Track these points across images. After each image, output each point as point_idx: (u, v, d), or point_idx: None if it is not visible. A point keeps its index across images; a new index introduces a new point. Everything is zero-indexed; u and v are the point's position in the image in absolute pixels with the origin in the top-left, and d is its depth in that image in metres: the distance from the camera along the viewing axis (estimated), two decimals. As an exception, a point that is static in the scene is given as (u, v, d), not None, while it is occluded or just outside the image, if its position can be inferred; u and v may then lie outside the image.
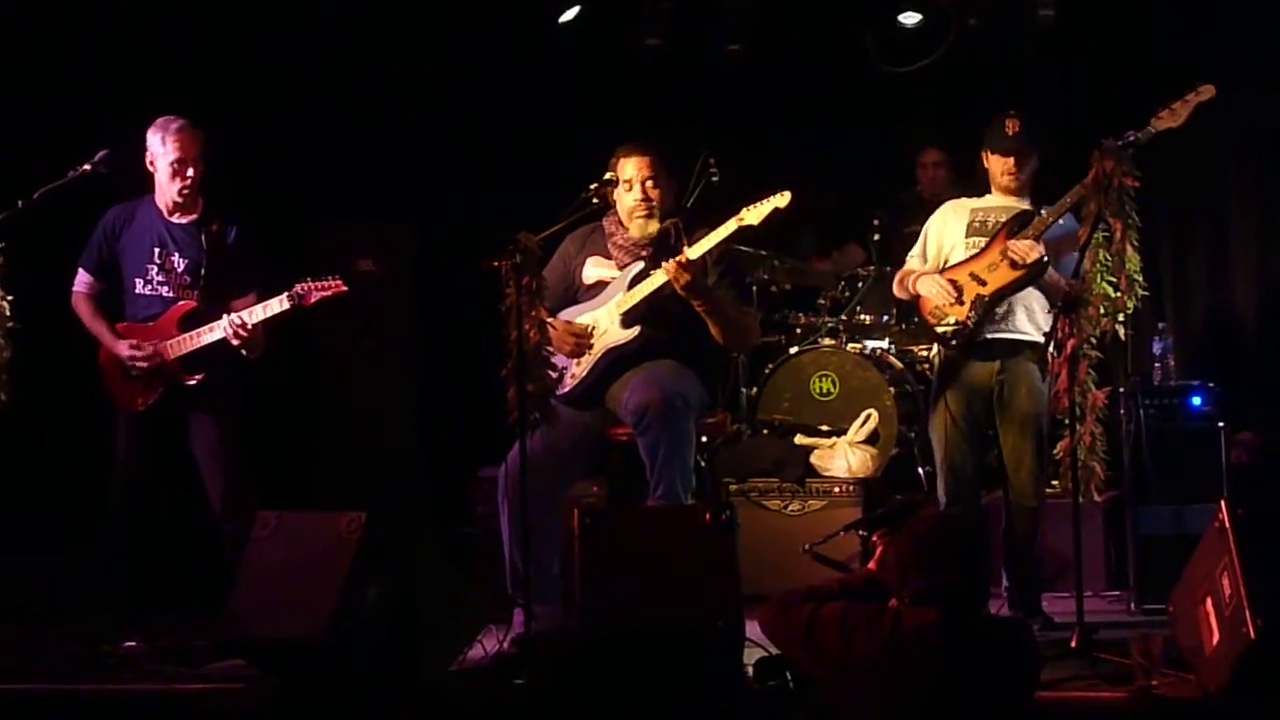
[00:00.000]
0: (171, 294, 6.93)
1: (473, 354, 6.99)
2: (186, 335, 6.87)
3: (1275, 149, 8.66)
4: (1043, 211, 6.74)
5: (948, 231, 7.02)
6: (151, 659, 6.57)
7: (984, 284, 6.82)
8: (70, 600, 7.39)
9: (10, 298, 6.84)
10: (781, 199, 6.66)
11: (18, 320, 6.87)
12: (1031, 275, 6.73)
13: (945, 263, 7.01)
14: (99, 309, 7.04)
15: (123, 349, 6.91)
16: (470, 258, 6.49)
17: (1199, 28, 8.52)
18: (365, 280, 8.36)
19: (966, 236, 6.95)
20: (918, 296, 7.00)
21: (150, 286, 6.96)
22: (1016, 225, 6.80)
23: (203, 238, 6.89)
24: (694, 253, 6.62)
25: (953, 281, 6.87)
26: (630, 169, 6.82)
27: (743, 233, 6.88)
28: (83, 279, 7.08)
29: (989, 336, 6.84)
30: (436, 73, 8.98)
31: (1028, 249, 6.70)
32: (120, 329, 7.01)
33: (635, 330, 6.74)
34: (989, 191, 7.02)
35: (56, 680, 6.31)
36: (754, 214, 6.66)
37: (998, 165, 6.94)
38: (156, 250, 6.95)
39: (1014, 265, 6.75)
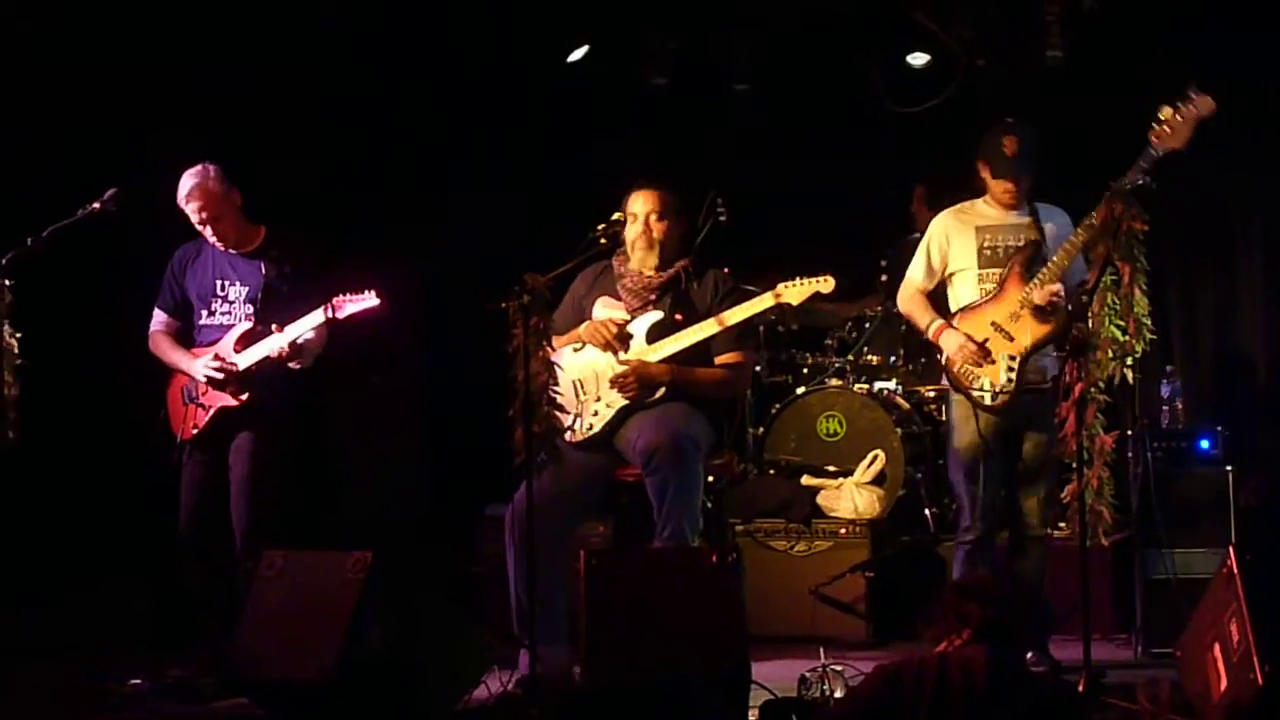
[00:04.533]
0: (232, 323, 7.07)
1: (481, 393, 6.98)
2: (247, 350, 6.96)
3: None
4: (1051, 257, 6.71)
5: (954, 248, 6.99)
6: (156, 697, 6.58)
7: (1011, 339, 6.81)
8: (79, 639, 7.39)
9: (19, 335, 6.85)
10: (825, 284, 6.73)
11: (27, 358, 6.87)
12: (1061, 328, 6.68)
13: (951, 280, 6.98)
14: (175, 342, 7.18)
15: (198, 366, 7.00)
16: (478, 298, 6.50)
17: (1211, 73, 8.51)
18: (374, 390, 8.48)
19: (980, 266, 6.92)
20: (937, 347, 7.00)
21: (214, 317, 7.11)
22: (1027, 261, 6.79)
23: (261, 267, 6.99)
24: (659, 353, 6.74)
25: (977, 339, 6.85)
26: (638, 204, 6.86)
27: (778, 309, 6.95)
28: (159, 318, 7.24)
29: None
30: (448, 112, 8.99)
31: (1052, 296, 6.68)
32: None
33: (661, 390, 6.76)
34: (983, 195, 6.98)
35: (61, 719, 6.30)
36: (793, 294, 6.76)
37: (998, 185, 6.92)
38: (219, 283, 7.10)
39: (1040, 317, 6.75)
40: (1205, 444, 7.44)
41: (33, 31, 8.16)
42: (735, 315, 6.75)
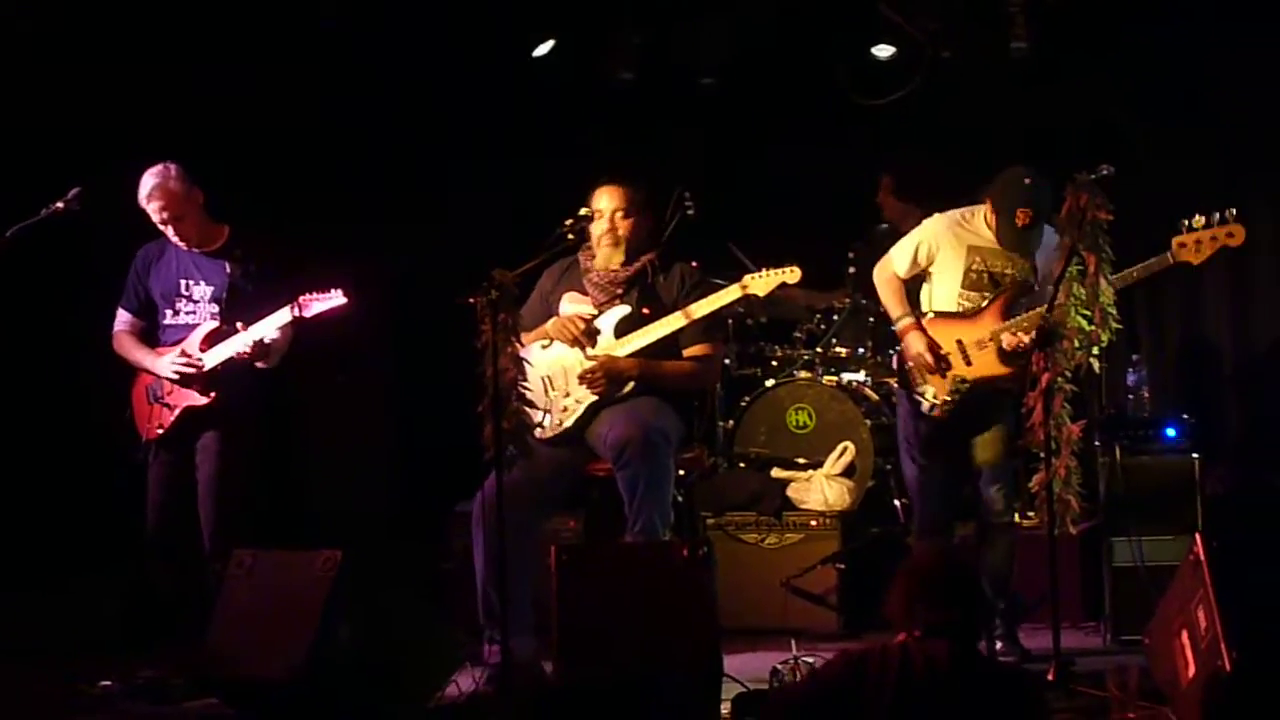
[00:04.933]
0: (197, 322, 7.04)
1: (449, 390, 6.98)
2: (214, 349, 6.94)
3: (1244, 180, 8.68)
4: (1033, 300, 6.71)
5: (941, 258, 6.96)
6: (127, 698, 6.57)
7: (969, 363, 6.85)
8: (47, 640, 7.37)
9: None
10: (791, 275, 6.75)
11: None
12: (1015, 376, 6.69)
13: (930, 278, 7.00)
14: (139, 341, 7.15)
15: (164, 364, 6.98)
16: (445, 294, 6.50)
17: (1173, 63, 8.56)
18: (341, 389, 8.48)
19: (962, 285, 6.91)
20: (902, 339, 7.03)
21: (179, 316, 7.08)
22: (1013, 299, 6.80)
23: (226, 266, 6.97)
24: (626, 347, 6.76)
25: (936, 348, 6.88)
26: (603, 200, 6.87)
27: (745, 301, 6.97)
28: (122, 318, 7.21)
29: None
30: (413, 110, 8.98)
31: (1019, 344, 6.69)
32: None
33: (629, 385, 6.77)
34: (980, 203, 6.96)
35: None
36: (759, 285, 6.77)
37: (1005, 227, 6.81)
38: (183, 282, 7.07)
39: (1002, 358, 6.78)
40: (1171, 432, 7.47)
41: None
42: (702, 308, 6.75)
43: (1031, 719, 4.91)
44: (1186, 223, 6.54)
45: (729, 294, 6.79)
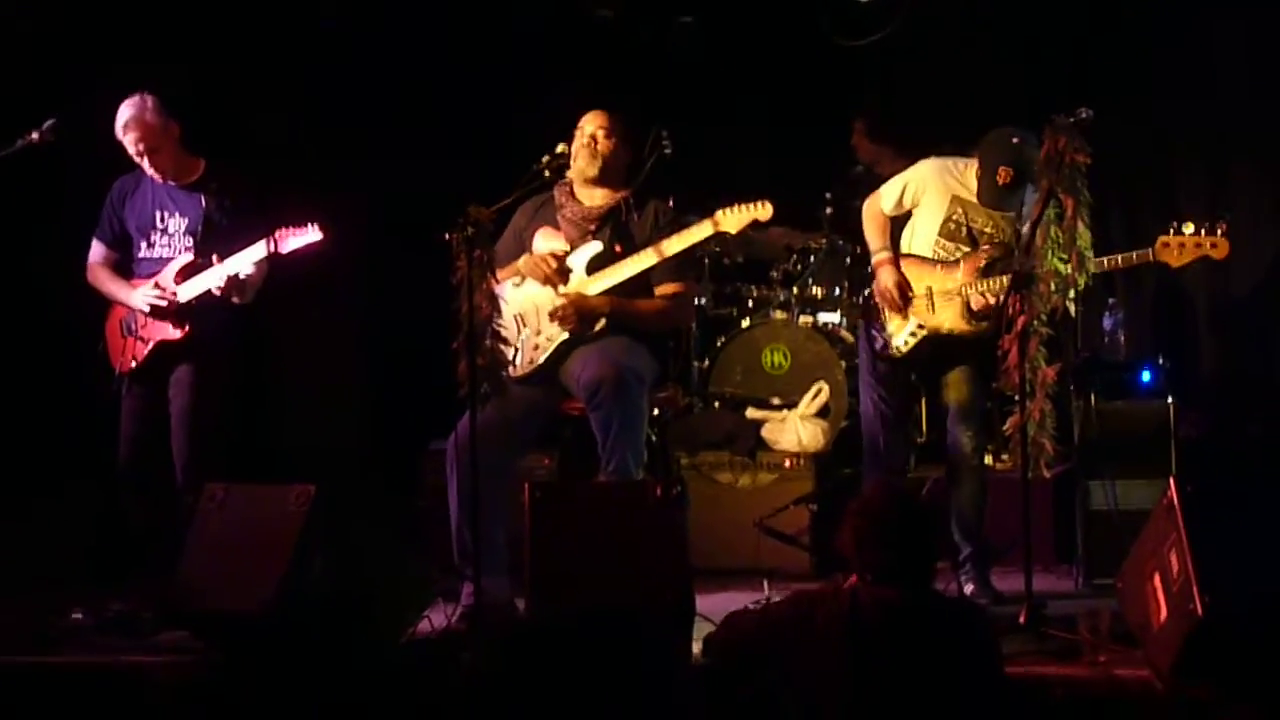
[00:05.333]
0: (172, 255, 7.01)
1: (424, 326, 6.96)
2: (188, 282, 6.90)
3: (1225, 126, 8.68)
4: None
5: (925, 202, 6.96)
6: (97, 631, 6.56)
7: (933, 311, 6.89)
8: (16, 573, 7.35)
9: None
10: (763, 211, 6.72)
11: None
12: (976, 336, 6.79)
13: (913, 219, 7.01)
14: (114, 273, 7.12)
15: (137, 296, 6.96)
16: (421, 229, 6.47)
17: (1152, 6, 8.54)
18: (316, 324, 8.46)
19: (939, 233, 6.92)
20: (874, 274, 7.03)
21: (153, 249, 7.04)
22: (992, 260, 6.79)
23: (201, 199, 6.93)
24: (598, 285, 6.73)
25: (907, 288, 6.90)
26: (587, 122, 6.89)
27: (717, 238, 6.94)
28: (96, 250, 7.17)
29: None
30: (389, 45, 8.91)
31: (984, 305, 6.72)
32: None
33: (601, 323, 6.74)
34: (971, 156, 6.94)
35: (2, 653, 6.27)
36: (731, 221, 6.74)
37: (987, 183, 6.79)
38: (158, 214, 7.04)
39: (967, 315, 6.82)
40: (1147, 376, 7.47)
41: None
42: (674, 245, 6.72)
43: (980, 649, 4.93)
44: (1175, 225, 6.58)
45: (700, 230, 6.76)
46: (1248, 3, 8.38)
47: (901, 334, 6.93)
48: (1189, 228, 6.55)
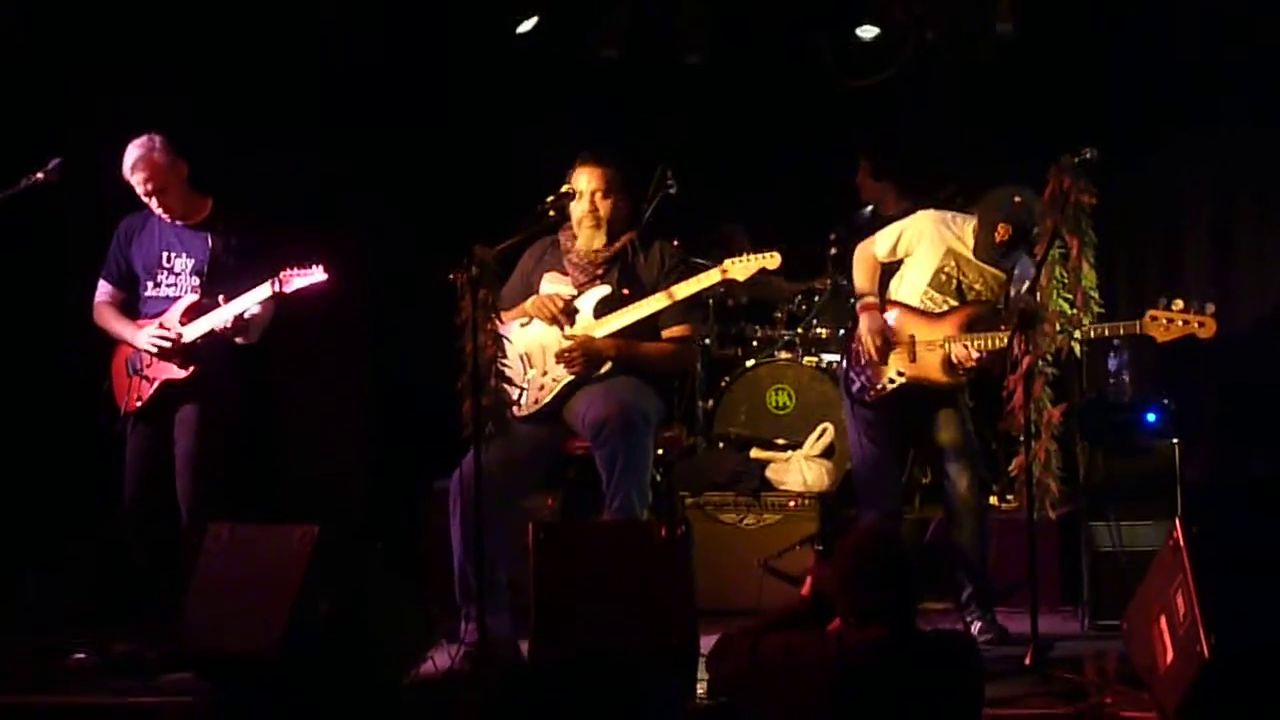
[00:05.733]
0: (178, 295, 7.01)
1: (428, 366, 6.97)
2: (194, 322, 6.91)
3: (1229, 165, 8.69)
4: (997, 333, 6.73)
5: (918, 252, 6.98)
6: (102, 671, 6.55)
7: (913, 360, 6.91)
8: (21, 613, 7.34)
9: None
10: (770, 260, 6.75)
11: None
12: (949, 388, 6.87)
13: (903, 268, 7.01)
14: (119, 313, 7.12)
15: (142, 336, 6.95)
16: (426, 270, 6.48)
17: (1157, 44, 8.54)
18: (321, 364, 8.45)
19: (929, 284, 6.94)
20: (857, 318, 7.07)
21: (159, 289, 7.05)
22: (978, 316, 6.81)
23: (208, 239, 6.94)
24: (605, 328, 6.73)
25: (890, 332, 6.93)
26: (582, 181, 6.83)
27: (724, 285, 6.96)
28: (103, 289, 7.17)
29: None
30: (397, 83, 8.93)
31: (966, 359, 6.73)
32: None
33: (607, 365, 6.74)
34: (970, 213, 6.95)
35: (6, 693, 6.26)
36: (739, 270, 6.77)
37: (984, 238, 6.81)
38: (164, 254, 7.04)
39: (945, 367, 6.84)
40: (1152, 417, 7.45)
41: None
42: (683, 290, 6.73)
43: (967, 680, 4.92)
44: (1165, 301, 6.60)
45: (709, 278, 6.78)
46: (1248, 34, 8.38)
47: (881, 379, 6.95)
48: (1178, 305, 6.56)
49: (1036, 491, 6.29)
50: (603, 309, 6.78)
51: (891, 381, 6.93)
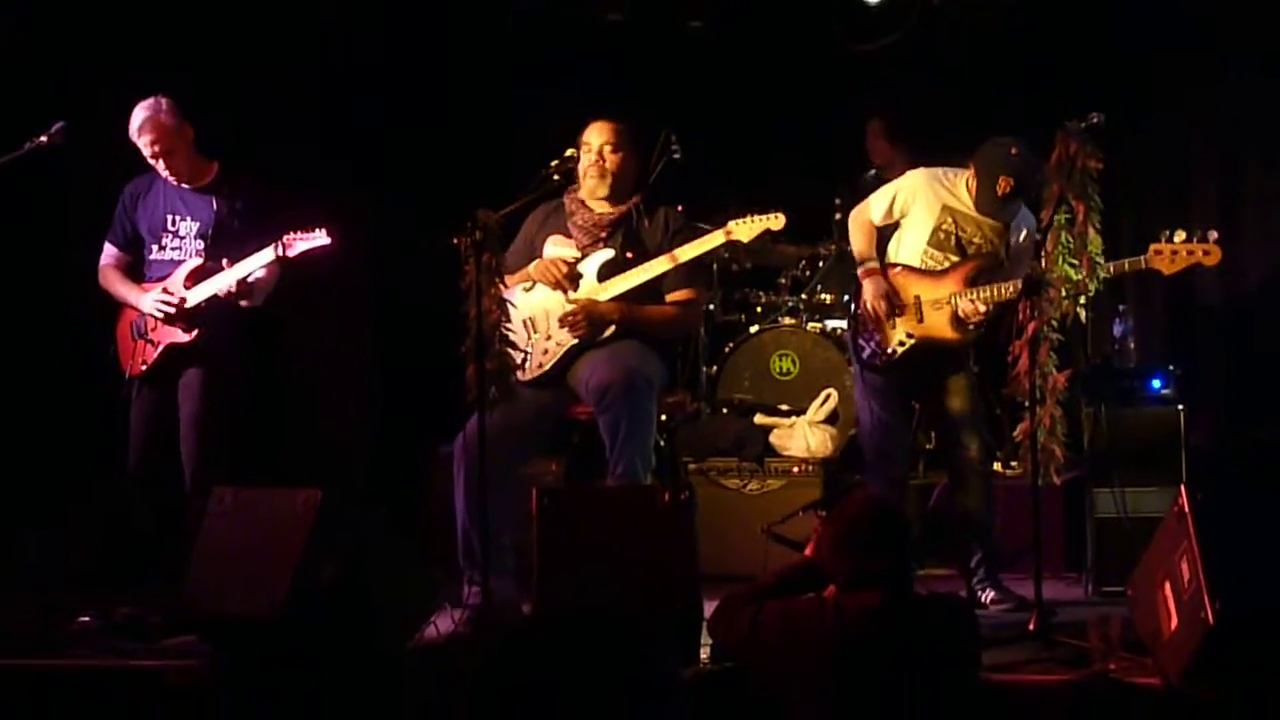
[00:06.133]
0: (183, 258, 7.00)
1: (432, 330, 6.96)
2: (198, 286, 6.90)
3: (1235, 129, 8.66)
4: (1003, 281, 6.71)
5: (914, 211, 6.96)
6: (105, 634, 6.54)
7: (921, 320, 6.88)
8: (25, 576, 7.35)
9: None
10: (775, 221, 6.73)
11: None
12: (961, 344, 6.85)
13: (900, 231, 6.99)
14: (124, 276, 7.11)
15: (147, 300, 6.94)
16: (430, 233, 6.46)
17: (1168, 13, 8.51)
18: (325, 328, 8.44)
19: (928, 242, 6.91)
20: (859, 284, 7.03)
21: (164, 252, 7.04)
22: (981, 269, 6.78)
23: (213, 202, 6.94)
24: (609, 291, 6.71)
25: (895, 295, 6.89)
26: (592, 135, 6.83)
27: (728, 246, 6.93)
28: (109, 252, 7.17)
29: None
30: (398, 48, 8.90)
31: (974, 313, 6.71)
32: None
33: (611, 329, 6.72)
34: (965, 168, 6.93)
35: (10, 656, 6.26)
36: (743, 230, 6.74)
37: (985, 192, 6.78)
38: (169, 217, 7.03)
39: (954, 323, 6.81)
40: (1157, 383, 7.44)
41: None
42: (687, 252, 6.71)
43: (964, 642, 4.93)
44: (1168, 233, 6.57)
45: (713, 239, 6.76)
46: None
47: (891, 343, 6.92)
48: (1180, 235, 6.55)
49: (1041, 457, 6.27)
50: (606, 273, 6.77)
51: (902, 344, 6.91)
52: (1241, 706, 5.17)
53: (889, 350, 6.93)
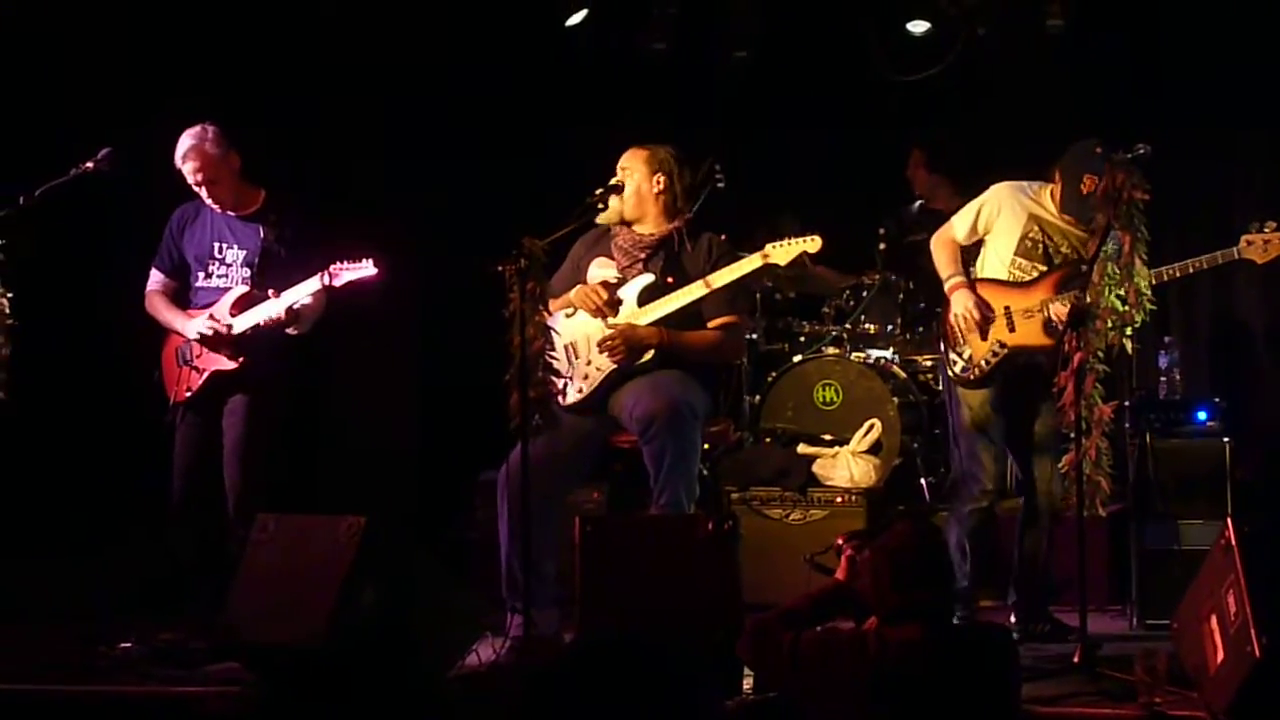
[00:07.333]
0: (229, 286, 7.03)
1: (476, 358, 6.96)
2: (244, 314, 6.92)
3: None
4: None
5: (1000, 224, 6.88)
6: (148, 661, 6.55)
7: (1012, 330, 6.79)
8: (68, 601, 7.36)
9: (10, 295, 6.84)
10: (812, 244, 6.72)
11: (18, 318, 6.85)
12: (1057, 348, 6.65)
13: (985, 246, 6.95)
14: (171, 302, 7.15)
15: (192, 327, 6.97)
16: (475, 261, 6.47)
17: (1208, 38, 8.49)
18: (370, 356, 8.42)
19: (1016, 252, 6.83)
20: (947, 301, 6.95)
21: (210, 280, 7.07)
22: (1069, 276, 6.72)
23: (260, 230, 6.95)
24: (648, 316, 6.72)
25: (986, 308, 6.83)
26: (631, 161, 6.87)
27: (766, 270, 6.92)
28: (155, 278, 7.21)
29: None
30: (444, 74, 8.94)
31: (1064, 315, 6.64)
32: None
33: (649, 354, 6.72)
34: (1048, 181, 6.87)
35: (53, 681, 6.28)
36: (781, 254, 6.74)
37: (1070, 193, 6.72)
38: (216, 245, 7.06)
39: (1047, 330, 6.71)
40: (1203, 415, 7.41)
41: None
42: (722, 277, 6.71)
43: (1003, 671, 4.90)
44: (1257, 225, 6.53)
45: (749, 263, 6.75)
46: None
47: (984, 353, 6.84)
48: (1271, 225, 6.50)
49: (1087, 489, 6.24)
50: (646, 297, 6.77)
51: (995, 355, 6.79)
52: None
53: (982, 362, 6.83)
